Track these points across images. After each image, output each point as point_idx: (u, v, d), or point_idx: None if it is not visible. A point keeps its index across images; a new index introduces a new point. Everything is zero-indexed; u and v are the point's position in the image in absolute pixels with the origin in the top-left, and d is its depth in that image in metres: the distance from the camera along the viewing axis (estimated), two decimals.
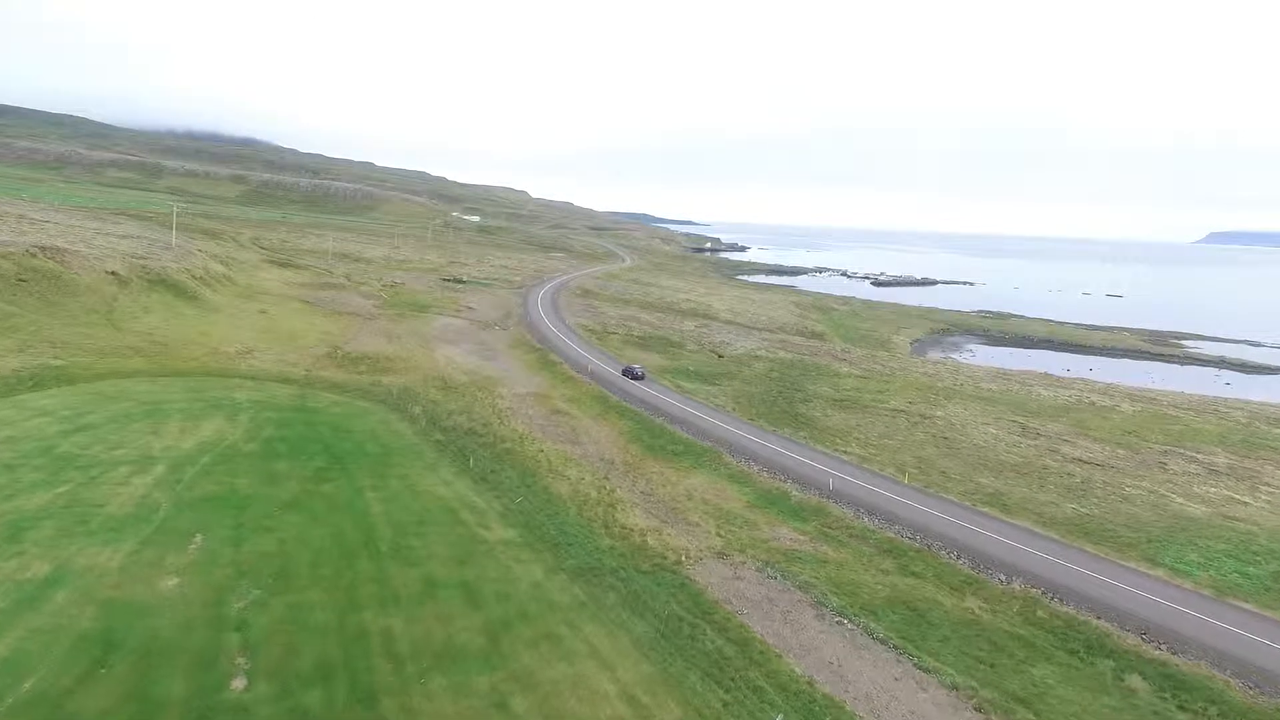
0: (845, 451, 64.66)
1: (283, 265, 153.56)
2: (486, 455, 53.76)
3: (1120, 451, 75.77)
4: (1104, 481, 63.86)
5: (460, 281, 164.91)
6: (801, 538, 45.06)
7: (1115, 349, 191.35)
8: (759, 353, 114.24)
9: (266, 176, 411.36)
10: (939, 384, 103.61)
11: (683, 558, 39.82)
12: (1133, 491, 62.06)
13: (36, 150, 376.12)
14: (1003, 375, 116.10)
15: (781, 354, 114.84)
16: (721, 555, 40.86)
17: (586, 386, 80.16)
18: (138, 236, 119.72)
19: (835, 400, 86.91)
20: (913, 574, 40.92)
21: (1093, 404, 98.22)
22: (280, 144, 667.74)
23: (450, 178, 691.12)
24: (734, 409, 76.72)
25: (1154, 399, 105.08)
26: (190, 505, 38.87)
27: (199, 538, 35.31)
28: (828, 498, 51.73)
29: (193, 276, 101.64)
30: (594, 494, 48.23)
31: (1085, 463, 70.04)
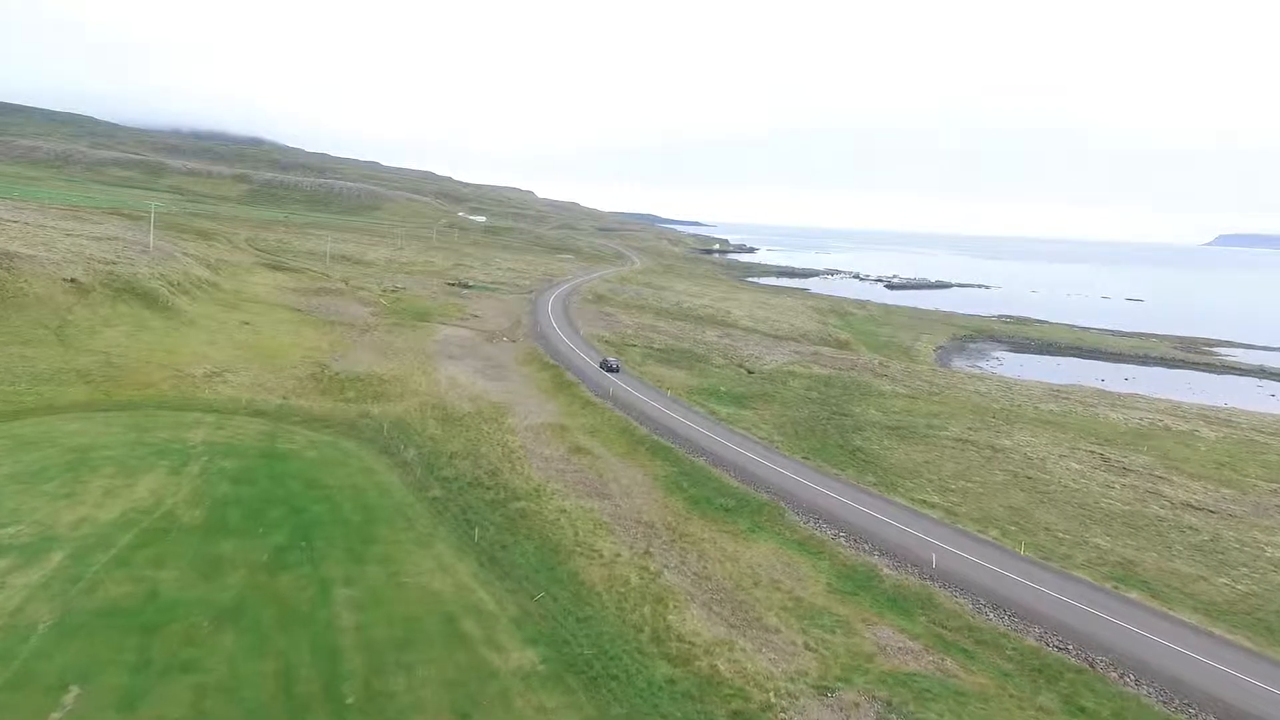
0: (926, 503, 52.73)
1: (276, 268, 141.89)
2: (496, 520, 41.93)
3: (1226, 492, 64.03)
4: (1236, 540, 51.97)
5: (466, 286, 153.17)
6: (914, 645, 33.22)
7: (1147, 357, 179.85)
8: (792, 368, 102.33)
9: (270, 176, 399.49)
10: (994, 405, 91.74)
11: (771, 695, 27.97)
12: (1277, 554, 50.26)
13: (37, 148, 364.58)
14: (1058, 393, 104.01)
15: (816, 369, 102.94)
16: (822, 690, 28.95)
17: (609, 414, 68.32)
18: (115, 238, 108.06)
19: (889, 428, 75.08)
20: (1085, 714, 29.08)
21: (1168, 428, 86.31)
22: (286, 144, 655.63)
23: (456, 177, 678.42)
24: (781, 443, 64.84)
25: (1229, 420, 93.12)
26: (81, 624, 27.11)
27: (74, 691, 23.53)
28: (930, 578, 39.84)
29: (169, 283, 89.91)
30: (635, 580, 36.41)
31: (1196, 509, 58.29)
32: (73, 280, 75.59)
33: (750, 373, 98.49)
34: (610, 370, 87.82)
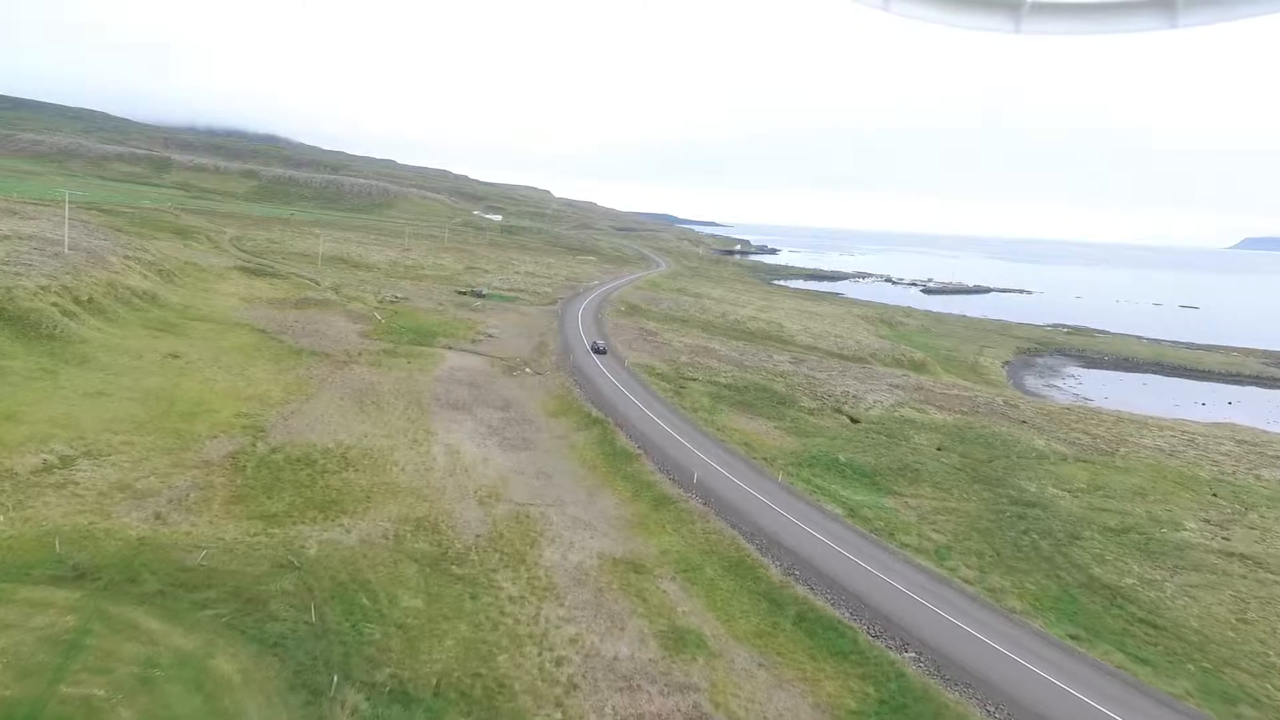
0: None
1: (256, 273, 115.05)
2: None
3: None
4: None
5: (479, 295, 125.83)
6: None
7: (1241, 375, 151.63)
8: (903, 412, 74.65)
9: (279, 172, 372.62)
10: (1198, 471, 64.12)
11: None
12: None
13: (40, 142, 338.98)
14: (1252, 446, 75.90)
15: (934, 413, 75.26)
16: None
17: (701, 524, 40.95)
18: (30, 237, 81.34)
19: (1112, 531, 47.68)
20: None
21: None
22: (303, 141, 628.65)
23: (472, 176, 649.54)
24: (1005, 591, 37.07)
25: None
26: None
27: None
28: None
29: (73, 299, 63.15)
30: None
31: None
32: None
33: (855, 421, 70.86)
34: (598, 353, 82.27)
